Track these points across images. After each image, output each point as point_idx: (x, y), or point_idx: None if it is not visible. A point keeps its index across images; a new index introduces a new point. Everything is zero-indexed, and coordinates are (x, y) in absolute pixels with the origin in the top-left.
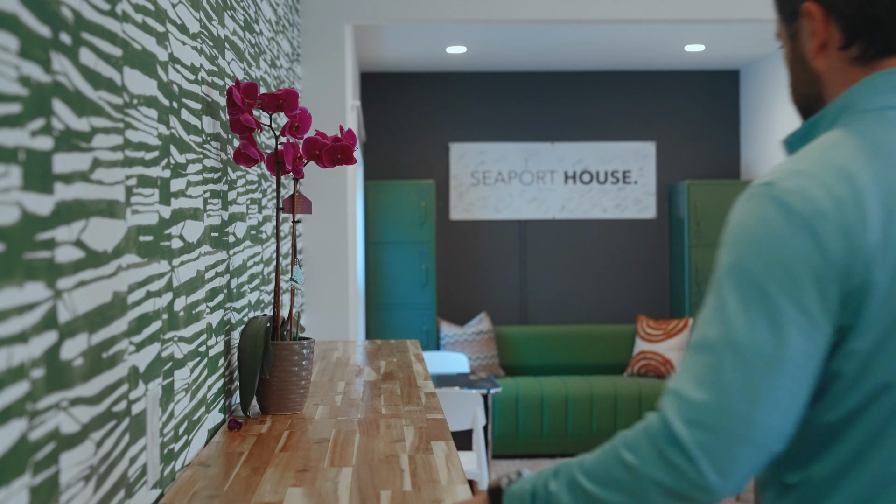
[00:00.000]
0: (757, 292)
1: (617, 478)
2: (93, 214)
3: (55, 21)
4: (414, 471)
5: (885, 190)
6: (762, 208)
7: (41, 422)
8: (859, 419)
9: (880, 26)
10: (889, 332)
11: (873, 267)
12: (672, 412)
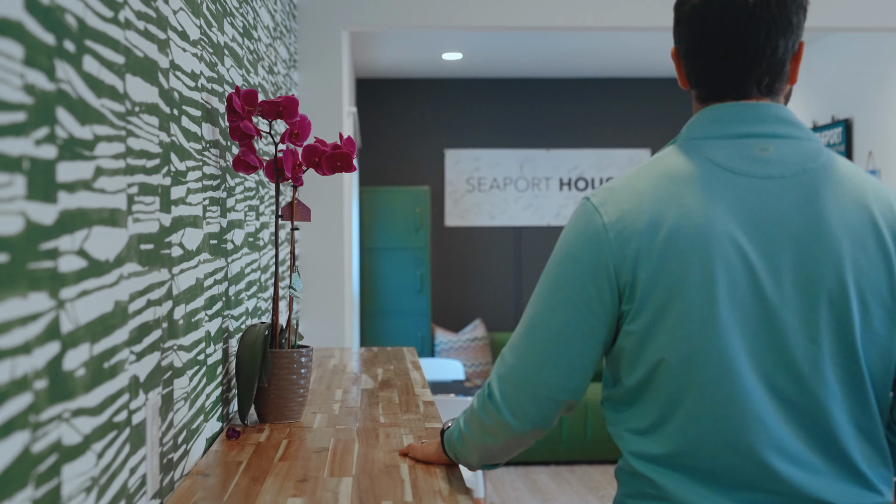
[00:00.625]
0: (555, 284)
1: (471, 418)
2: (95, 223)
3: (59, 29)
4: (415, 481)
5: (658, 203)
6: (577, 217)
7: (44, 434)
8: (651, 387)
9: (713, 75)
10: (657, 317)
11: (638, 266)
12: (495, 368)
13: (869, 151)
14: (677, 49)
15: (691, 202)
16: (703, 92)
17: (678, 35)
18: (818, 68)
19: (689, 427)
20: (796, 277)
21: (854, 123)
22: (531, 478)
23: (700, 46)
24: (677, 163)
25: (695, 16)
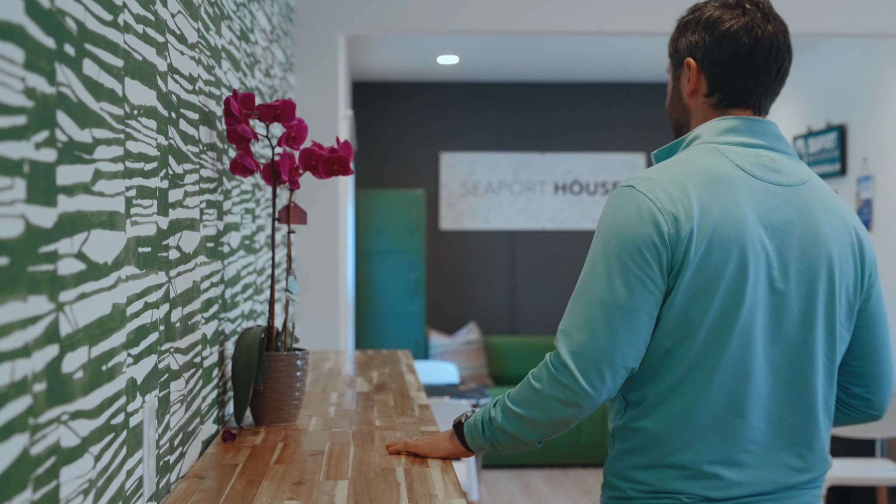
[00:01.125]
0: (617, 263)
1: (530, 399)
2: (94, 226)
3: (60, 32)
4: (410, 484)
5: (703, 195)
6: (624, 202)
7: (42, 436)
8: (675, 354)
9: (734, 87)
10: (698, 293)
11: (689, 248)
12: (562, 347)
13: (863, 157)
14: (701, 61)
15: (729, 200)
16: (720, 100)
17: (710, 49)
18: (813, 74)
19: (701, 389)
20: (799, 272)
21: (848, 129)
22: (525, 481)
23: (728, 63)
24: (710, 162)
25: (734, 37)
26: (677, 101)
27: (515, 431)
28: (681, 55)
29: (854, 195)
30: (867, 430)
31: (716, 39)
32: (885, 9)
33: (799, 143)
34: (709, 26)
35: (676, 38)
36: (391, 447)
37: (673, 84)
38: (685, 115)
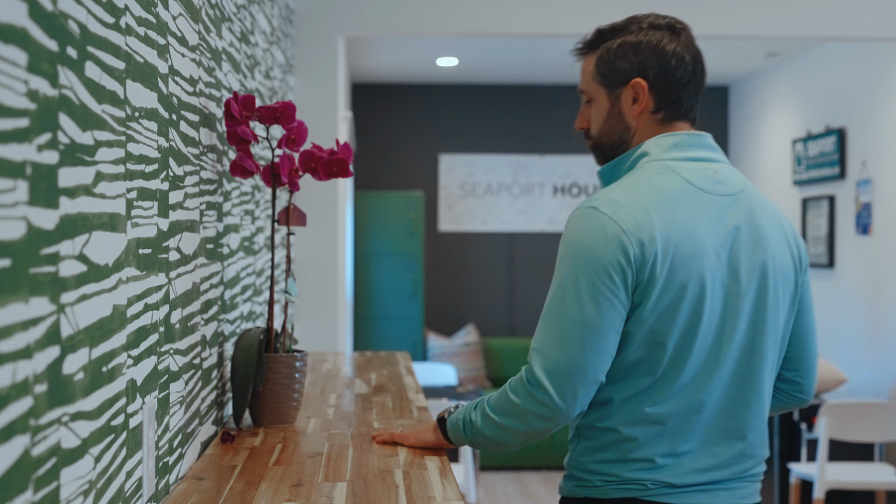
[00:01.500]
0: (586, 283)
1: (508, 409)
2: (95, 228)
3: (62, 35)
4: (409, 486)
5: (663, 216)
6: (589, 224)
7: (43, 437)
8: (643, 363)
9: (681, 103)
10: (665, 309)
11: (655, 268)
12: (537, 365)
13: (862, 161)
14: (652, 83)
15: (685, 217)
16: (666, 115)
17: (660, 69)
18: (812, 77)
19: (666, 392)
20: (748, 276)
21: (848, 133)
22: (522, 483)
23: (678, 80)
24: (665, 182)
25: (682, 57)
26: (617, 121)
27: (493, 436)
28: (623, 76)
29: (853, 199)
30: (866, 434)
31: (664, 60)
32: (885, 13)
33: (798, 147)
34: (653, 48)
35: (610, 60)
36: (378, 438)
37: (610, 105)
38: (626, 133)
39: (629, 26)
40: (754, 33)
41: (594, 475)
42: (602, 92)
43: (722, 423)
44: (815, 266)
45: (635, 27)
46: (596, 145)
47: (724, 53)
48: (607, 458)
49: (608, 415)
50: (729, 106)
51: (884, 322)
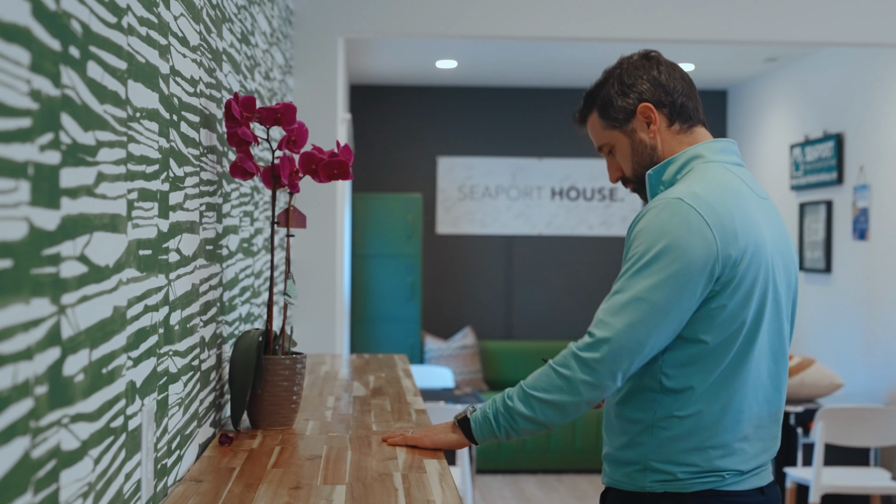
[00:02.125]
0: (667, 271)
1: (557, 384)
2: (96, 229)
3: (65, 34)
4: (408, 490)
5: (738, 214)
6: (675, 215)
7: (43, 439)
8: (722, 349)
9: (686, 109)
10: (743, 299)
11: (739, 264)
12: (600, 333)
13: (860, 166)
14: (655, 101)
15: (753, 217)
16: (681, 124)
17: (657, 87)
18: (810, 83)
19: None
20: (785, 275)
21: (846, 138)
22: (519, 486)
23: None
24: (731, 181)
25: (667, 71)
26: (643, 148)
27: (540, 417)
28: (627, 110)
29: (851, 204)
30: (862, 438)
31: (653, 78)
32: (883, 18)
33: (796, 152)
34: (639, 76)
35: (610, 104)
36: (390, 440)
37: (630, 140)
38: (654, 153)
39: (608, 75)
40: (753, 38)
41: (678, 466)
42: (619, 135)
43: (766, 408)
44: (812, 271)
45: (616, 70)
46: (638, 180)
47: (722, 58)
48: (688, 447)
49: (689, 402)
50: (727, 110)
51: (880, 327)
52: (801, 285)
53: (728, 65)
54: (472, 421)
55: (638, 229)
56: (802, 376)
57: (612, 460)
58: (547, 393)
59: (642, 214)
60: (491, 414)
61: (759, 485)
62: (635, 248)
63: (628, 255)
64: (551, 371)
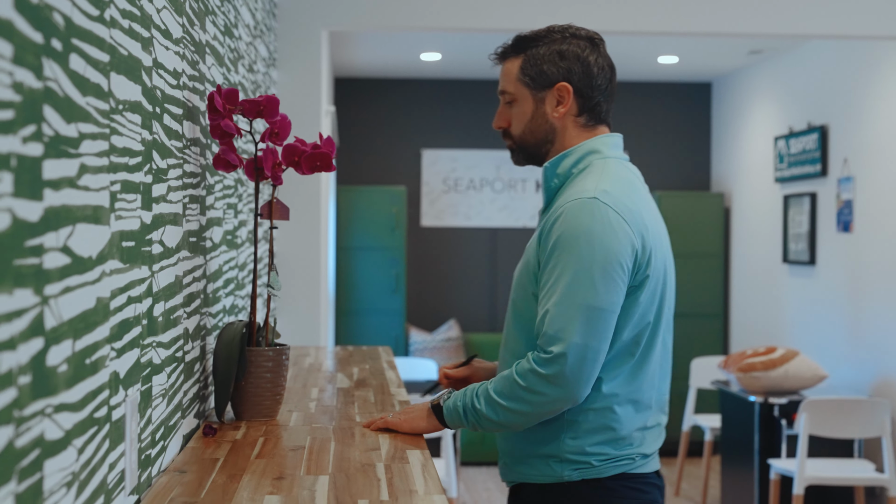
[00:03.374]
0: (599, 271)
1: (517, 394)
2: (79, 220)
3: (47, 27)
4: (390, 480)
5: (643, 208)
6: (594, 215)
7: (27, 428)
8: (632, 345)
9: (600, 109)
10: (652, 293)
11: (650, 259)
12: (557, 349)
13: (844, 158)
14: (577, 87)
15: (652, 211)
16: (588, 119)
17: (585, 76)
18: (794, 75)
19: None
20: (671, 269)
21: (830, 130)
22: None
23: (599, 87)
24: (631, 177)
25: (602, 66)
26: (542, 122)
27: (502, 420)
28: (549, 79)
29: (835, 196)
30: (846, 430)
31: (588, 67)
32: (867, 11)
33: (780, 144)
34: (577, 56)
35: (537, 64)
36: (372, 425)
37: (535, 106)
38: (551, 133)
39: (551, 34)
40: (737, 31)
41: (592, 456)
42: (527, 94)
43: (662, 398)
44: (796, 263)
45: (558, 35)
46: (519, 145)
47: (707, 51)
48: (602, 440)
49: (602, 396)
50: (712, 103)
51: (864, 319)
52: (786, 277)
53: (712, 57)
54: (445, 409)
55: (560, 232)
56: (786, 368)
57: (523, 456)
58: (509, 401)
59: (557, 216)
60: (461, 407)
61: (657, 468)
62: (562, 252)
63: (554, 259)
64: (513, 382)
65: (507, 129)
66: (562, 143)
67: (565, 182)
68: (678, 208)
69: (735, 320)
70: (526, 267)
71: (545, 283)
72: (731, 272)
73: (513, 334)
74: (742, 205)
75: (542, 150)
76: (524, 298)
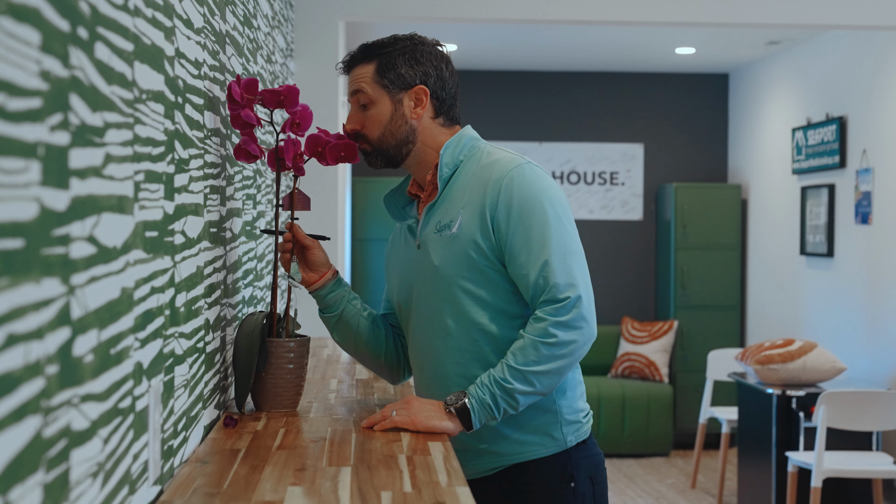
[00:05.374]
0: (567, 220)
1: (550, 353)
2: (104, 210)
3: (73, 15)
4: (413, 472)
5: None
6: (542, 175)
7: (55, 418)
8: None
9: (453, 110)
10: None
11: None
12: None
13: (863, 149)
14: (433, 90)
15: None
16: (444, 120)
17: (439, 80)
18: (812, 66)
19: None
20: None
21: (848, 121)
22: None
23: (450, 89)
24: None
25: (452, 72)
26: (401, 123)
27: (539, 388)
28: (405, 81)
29: (853, 187)
30: (864, 423)
31: (440, 70)
32: (885, 1)
33: (798, 135)
34: (430, 59)
35: (393, 67)
36: (378, 427)
37: (393, 109)
38: (412, 134)
39: (400, 41)
40: (755, 21)
41: (580, 412)
42: (384, 96)
43: None
44: (814, 255)
45: (408, 42)
46: (377, 147)
47: (724, 41)
48: (579, 393)
49: None
50: (729, 94)
51: (882, 311)
52: (803, 269)
53: (730, 48)
54: (472, 410)
55: (517, 198)
56: (804, 360)
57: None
58: (543, 364)
59: (503, 186)
60: (489, 400)
61: None
62: (530, 213)
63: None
64: (538, 344)
65: (360, 131)
66: (424, 141)
67: (456, 170)
68: (695, 200)
69: (752, 312)
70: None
71: (523, 246)
72: (748, 264)
73: (467, 318)
74: (759, 196)
75: (402, 151)
76: (475, 279)
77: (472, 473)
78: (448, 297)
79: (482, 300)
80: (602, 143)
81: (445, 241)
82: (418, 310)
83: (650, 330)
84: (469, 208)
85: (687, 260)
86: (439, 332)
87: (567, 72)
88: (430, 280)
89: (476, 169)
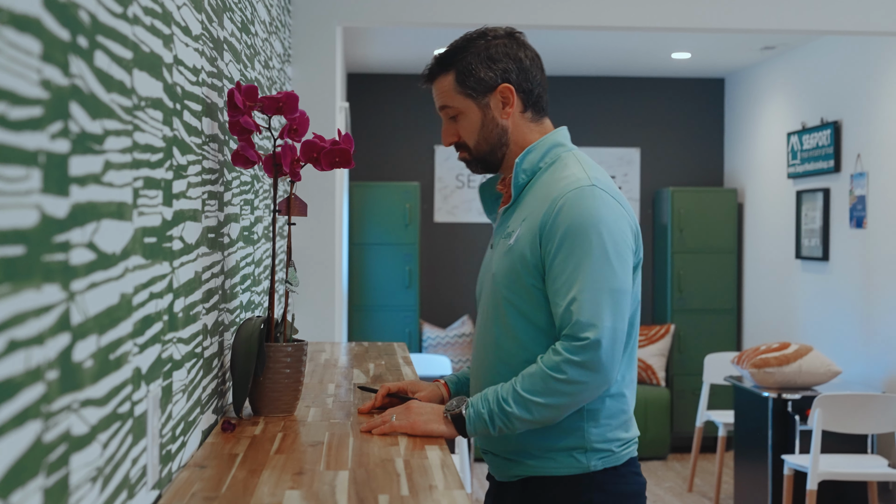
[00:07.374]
0: (615, 253)
1: (556, 388)
2: (104, 216)
3: (73, 24)
4: (410, 475)
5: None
6: (599, 201)
7: (55, 423)
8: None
9: (540, 101)
10: (639, 272)
11: (639, 241)
12: (593, 335)
13: (857, 154)
14: (517, 84)
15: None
16: (533, 113)
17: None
18: (807, 71)
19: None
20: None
21: (843, 126)
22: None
23: (535, 79)
24: (599, 165)
25: (532, 58)
26: (493, 126)
27: (538, 418)
28: (488, 84)
29: (848, 192)
30: (859, 426)
31: (520, 63)
32: (880, 7)
33: (793, 140)
34: (507, 54)
35: (472, 73)
36: (376, 431)
37: (482, 115)
38: (504, 135)
39: (472, 42)
40: (750, 26)
41: (613, 443)
42: (471, 104)
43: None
44: (809, 259)
45: (481, 41)
46: (476, 155)
47: (720, 46)
48: (618, 424)
49: (615, 383)
50: (725, 99)
51: (877, 315)
52: (799, 273)
53: (725, 53)
54: (468, 419)
55: (568, 222)
56: (800, 364)
57: (540, 450)
58: (545, 397)
59: (557, 207)
60: (486, 414)
61: None
62: (575, 240)
63: (567, 249)
64: (547, 377)
65: (458, 142)
66: (516, 141)
67: (533, 177)
68: (691, 204)
69: (748, 316)
70: (517, 262)
71: (560, 272)
72: (744, 268)
73: (509, 330)
74: (755, 200)
75: (497, 155)
76: (519, 292)
77: (500, 476)
78: (497, 305)
79: (525, 315)
80: (599, 147)
81: (505, 249)
82: (482, 308)
83: (647, 334)
84: (529, 221)
85: (683, 264)
86: (487, 335)
87: (564, 76)
88: (490, 284)
89: (550, 180)
